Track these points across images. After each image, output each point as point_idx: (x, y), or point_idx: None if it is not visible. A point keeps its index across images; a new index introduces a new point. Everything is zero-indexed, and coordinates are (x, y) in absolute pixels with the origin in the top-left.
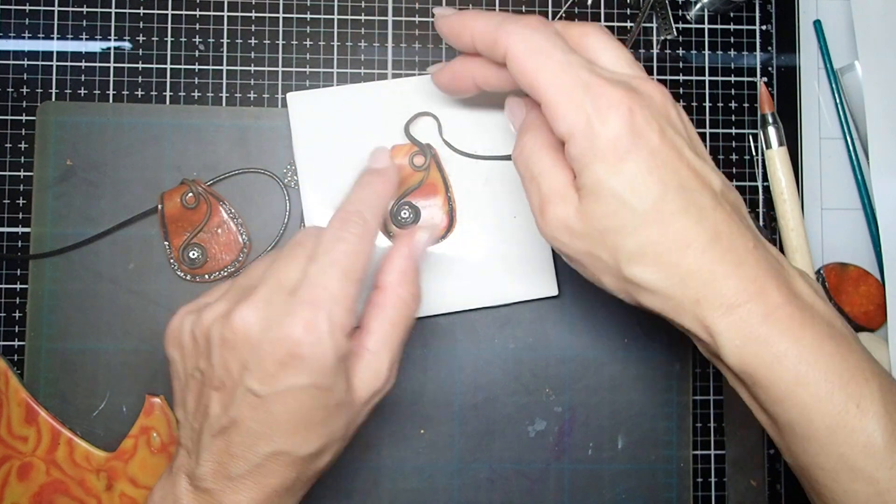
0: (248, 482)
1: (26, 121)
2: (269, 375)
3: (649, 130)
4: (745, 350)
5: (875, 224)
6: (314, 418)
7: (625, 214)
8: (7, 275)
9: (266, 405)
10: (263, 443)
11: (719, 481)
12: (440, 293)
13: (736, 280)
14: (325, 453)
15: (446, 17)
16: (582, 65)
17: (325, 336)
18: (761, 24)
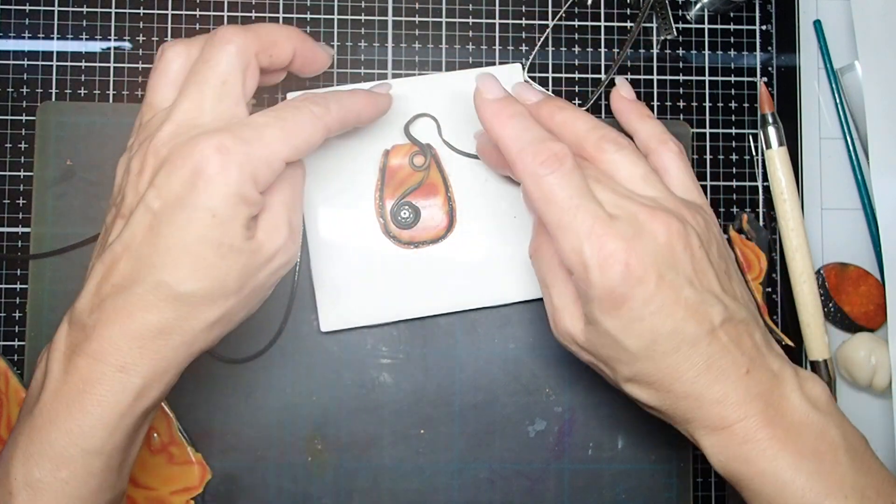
0: (122, 315)
1: (26, 121)
2: (170, 190)
3: (644, 281)
4: (729, 465)
5: (875, 224)
6: (204, 252)
7: (619, 350)
8: (7, 275)
9: (159, 226)
10: (147, 270)
11: (719, 481)
12: (440, 293)
13: (721, 408)
14: (212, 303)
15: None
16: (586, 210)
17: (234, 167)
18: (761, 24)
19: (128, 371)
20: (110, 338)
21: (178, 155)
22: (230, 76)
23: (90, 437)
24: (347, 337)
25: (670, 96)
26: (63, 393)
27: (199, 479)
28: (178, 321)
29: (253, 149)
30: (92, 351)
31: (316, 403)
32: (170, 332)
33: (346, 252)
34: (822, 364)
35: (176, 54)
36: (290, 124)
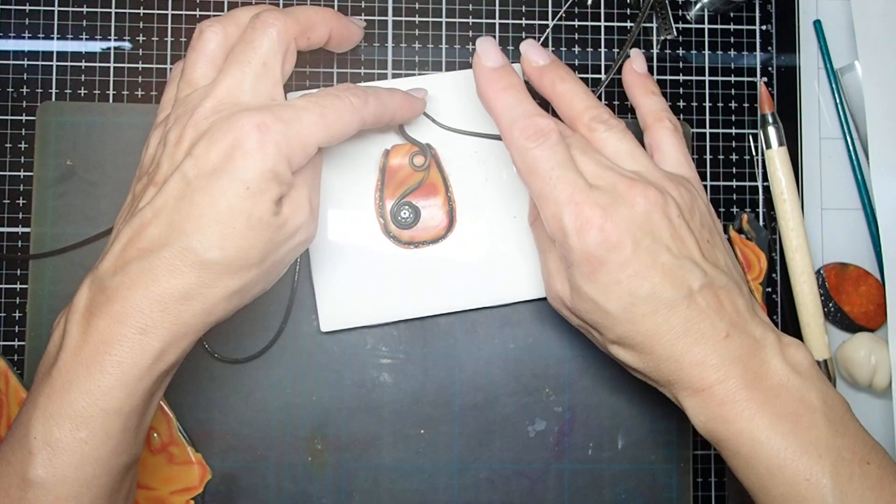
0: (146, 278)
1: (26, 121)
2: (207, 160)
3: (620, 245)
4: (708, 425)
5: (875, 224)
6: (234, 223)
7: (601, 314)
8: (7, 275)
9: (192, 194)
10: (175, 236)
11: (719, 481)
12: (440, 293)
13: (700, 369)
14: (234, 273)
15: (484, 70)
16: (566, 180)
17: (272, 145)
18: (761, 24)
19: (148, 333)
20: (133, 300)
21: (218, 128)
22: (270, 59)
23: (109, 397)
24: (347, 337)
25: (670, 96)
26: (83, 353)
27: (199, 479)
28: (201, 287)
29: (291, 130)
30: (113, 312)
31: (316, 403)
32: (192, 297)
33: (346, 252)
34: (822, 364)
35: (213, 33)
36: (328, 111)
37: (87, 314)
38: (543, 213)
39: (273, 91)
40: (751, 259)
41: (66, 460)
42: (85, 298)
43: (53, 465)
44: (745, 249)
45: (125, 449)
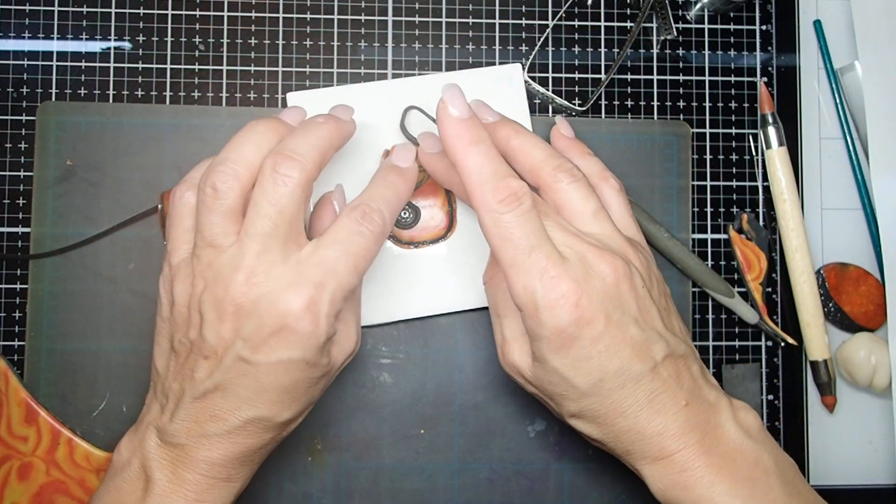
0: (226, 442)
1: (26, 121)
2: (262, 344)
3: (594, 321)
4: (668, 492)
5: (875, 224)
6: (299, 388)
7: (566, 387)
8: (7, 275)
9: (255, 373)
10: (247, 407)
11: None
12: (440, 293)
13: (660, 440)
14: (300, 417)
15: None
16: (541, 250)
17: (323, 318)
18: (761, 24)
19: (233, 480)
20: (216, 459)
21: (266, 311)
22: (295, 215)
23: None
24: None
25: (670, 96)
26: (171, 500)
27: None
28: (275, 437)
29: (334, 292)
30: (200, 469)
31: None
32: (265, 447)
33: None
34: (821, 364)
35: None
36: (359, 253)
37: (172, 465)
38: (513, 282)
39: (299, 242)
40: (751, 259)
41: None
42: (157, 447)
43: None
44: (745, 249)
45: None
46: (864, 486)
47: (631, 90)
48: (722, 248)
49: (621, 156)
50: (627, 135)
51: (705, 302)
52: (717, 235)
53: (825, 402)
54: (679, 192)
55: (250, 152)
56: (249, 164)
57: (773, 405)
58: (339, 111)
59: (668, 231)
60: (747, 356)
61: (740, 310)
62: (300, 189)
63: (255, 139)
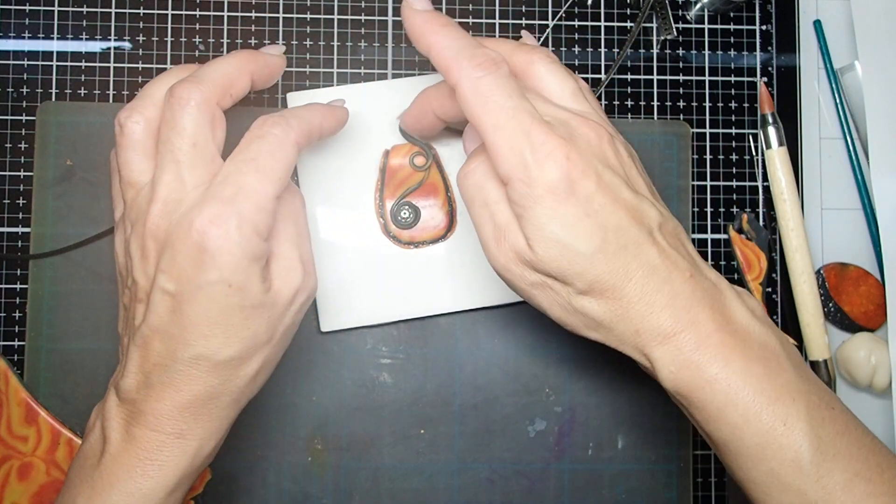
0: (170, 389)
1: (26, 121)
2: (180, 272)
3: (586, 176)
4: (679, 375)
5: (875, 224)
6: (231, 319)
7: (571, 256)
8: (7, 275)
9: (181, 306)
10: (182, 348)
11: (719, 481)
12: (440, 293)
13: (671, 311)
14: (250, 359)
15: (415, 13)
16: (524, 109)
17: (233, 230)
18: (761, 24)
19: (185, 437)
20: (164, 411)
21: (176, 237)
22: (199, 136)
23: (150, 498)
24: (347, 337)
25: (670, 96)
26: (124, 460)
27: (199, 479)
28: (223, 384)
29: (243, 206)
30: (149, 423)
31: (316, 403)
32: (217, 395)
33: (346, 252)
34: (822, 364)
35: (135, 123)
36: (262, 160)
37: (125, 424)
38: (498, 147)
39: (211, 167)
40: (751, 259)
41: None
42: (115, 407)
43: None
44: (745, 249)
45: None
46: None
47: (631, 90)
48: (722, 248)
49: None
50: (627, 135)
51: None
52: (717, 235)
53: None
54: (679, 192)
55: (157, 90)
56: (156, 101)
57: None
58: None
59: None
60: None
61: None
62: (199, 111)
63: (164, 79)
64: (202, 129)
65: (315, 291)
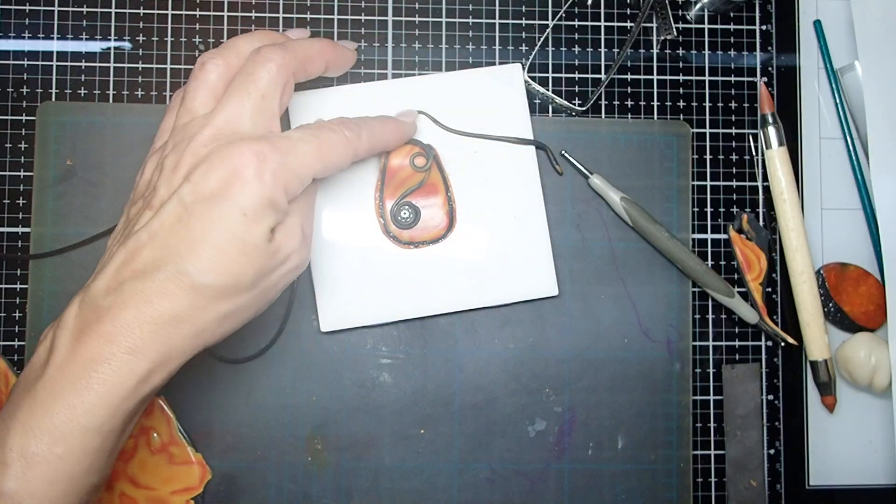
0: (138, 299)
1: (26, 121)
2: (206, 187)
3: None
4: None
5: (875, 224)
6: (229, 247)
7: None
8: (7, 275)
9: (190, 218)
10: (170, 258)
11: (719, 481)
12: (440, 293)
13: None
14: (226, 297)
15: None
16: None
17: (269, 174)
18: (761, 24)
19: (136, 354)
20: (123, 320)
21: (217, 155)
22: (269, 92)
23: (92, 414)
24: (347, 337)
25: (670, 96)
26: (69, 370)
27: (199, 479)
28: (192, 310)
29: (288, 160)
30: (103, 331)
31: (316, 403)
32: (183, 320)
33: (346, 252)
34: (821, 364)
35: (215, 65)
36: (324, 143)
37: (77, 332)
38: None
39: (271, 123)
40: (751, 259)
41: (39, 475)
42: (74, 316)
43: (27, 478)
44: (745, 249)
45: (98, 469)
46: (864, 486)
47: (631, 90)
48: (722, 248)
49: (621, 156)
50: (627, 135)
51: (705, 302)
52: (717, 235)
53: (825, 402)
54: (679, 192)
55: (244, 44)
56: (239, 52)
57: (773, 405)
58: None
59: (668, 231)
60: (747, 356)
61: (740, 310)
62: (277, 71)
63: (252, 37)
64: (274, 87)
65: (306, 263)
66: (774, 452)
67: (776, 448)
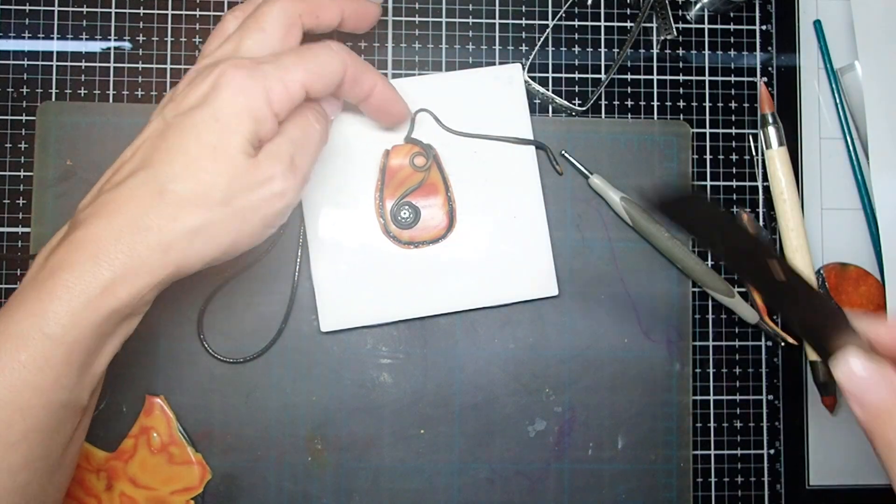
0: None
1: (26, 121)
2: (186, 102)
3: None
4: None
5: (875, 224)
6: (198, 153)
7: None
8: (7, 275)
9: (167, 131)
10: (142, 168)
11: (719, 481)
12: (440, 293)
13: None
14: (195, 208)
15: None
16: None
17: (247, 79)
18: (761, 24)
19: (98, 260)
20: (92, 227)
21: (201, 74)
22: (270, 27)
23: (52, 321)
24: (347, 337)
25: (670, 96)
26: (37, 279)
27: (199, 479)
28: (158, 218)
29: (268, 68)
30: (73, 239)
31: (316, 403)
32: (148, 227)
33: (346, 252)
34: (821, 364)
35: (234, 17)
36: (306, 53)
37: (55, 245)
38: None
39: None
40: None
41: (3, 381)
42: (61, 233)
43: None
44: None
45: (66, 384)
46: (864, 486)
47: (631, 90)
48: None
49: (621, 156)
50: (627, 135)
51: (705, 302)
52: None
53: (825, 402)
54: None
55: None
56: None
57: (773, 405)
58: None
59: (668, 231)
60: (747, 356)
61: (740, 310)
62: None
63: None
64: (276, 24)
65: (293, 196)
66: (774, 452)
67: (776, 448)
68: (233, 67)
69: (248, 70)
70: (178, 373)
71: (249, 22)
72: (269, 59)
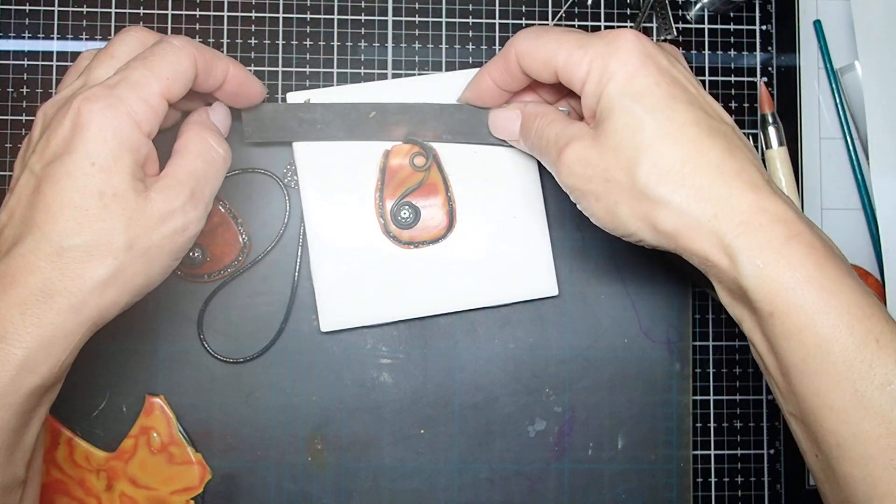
0: (5, 281)
1: (26, 121)
2: (49, 151)
3: (657, 54)
4: (766, 271)
5: (875, 224)
6: (87, 203)
7: (638, 126)
8: None
9: (41, 187)
10: (28, 231)
11: (719, 481)
12: (440, 293)
13: (754, 198)
14: (99, 259)
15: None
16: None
17: (108, 111)
18: (761, 24)
19: (9, 340)
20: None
21: (55, 119)
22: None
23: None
24: (347, 337)
25: None
26: None
27: (199, 479)
28: (63, 280)
29: (123, 91)
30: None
31: (316, 403)
32: (54, 293)
33: (346, 252)
34: None
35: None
36: (152, 59)
37: None
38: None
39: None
40: None
41: None
42: None
43: None
44: None
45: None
46: None
47: None
48: None
49: None
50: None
51: (705, 302)
52: None
53: None
54: None
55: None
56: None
57: (773, 405)
58: None
59: None
60: (747, 356)
61: None
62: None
63: None
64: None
65: (197, 229)
66: (774, 452)
67: (776, 448)
68: (87, 101)
69: (103, 100)
70: (178, 373)
71: (100, 53)
72: (118, 80)
